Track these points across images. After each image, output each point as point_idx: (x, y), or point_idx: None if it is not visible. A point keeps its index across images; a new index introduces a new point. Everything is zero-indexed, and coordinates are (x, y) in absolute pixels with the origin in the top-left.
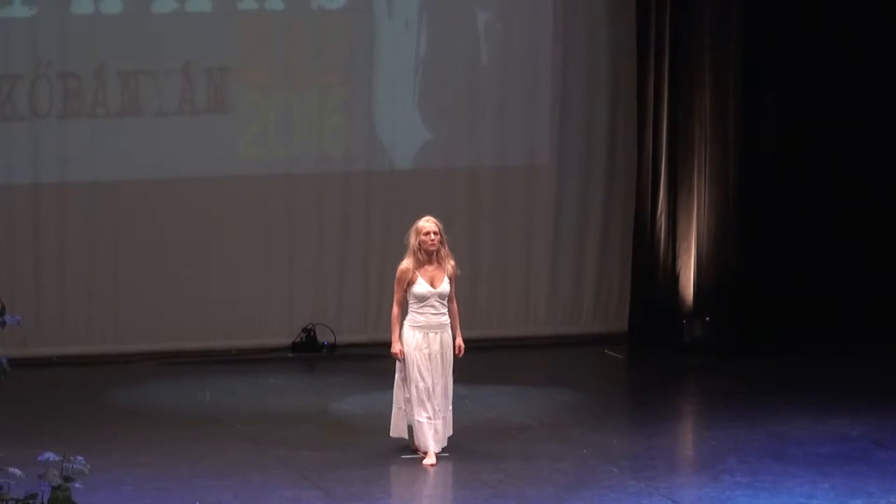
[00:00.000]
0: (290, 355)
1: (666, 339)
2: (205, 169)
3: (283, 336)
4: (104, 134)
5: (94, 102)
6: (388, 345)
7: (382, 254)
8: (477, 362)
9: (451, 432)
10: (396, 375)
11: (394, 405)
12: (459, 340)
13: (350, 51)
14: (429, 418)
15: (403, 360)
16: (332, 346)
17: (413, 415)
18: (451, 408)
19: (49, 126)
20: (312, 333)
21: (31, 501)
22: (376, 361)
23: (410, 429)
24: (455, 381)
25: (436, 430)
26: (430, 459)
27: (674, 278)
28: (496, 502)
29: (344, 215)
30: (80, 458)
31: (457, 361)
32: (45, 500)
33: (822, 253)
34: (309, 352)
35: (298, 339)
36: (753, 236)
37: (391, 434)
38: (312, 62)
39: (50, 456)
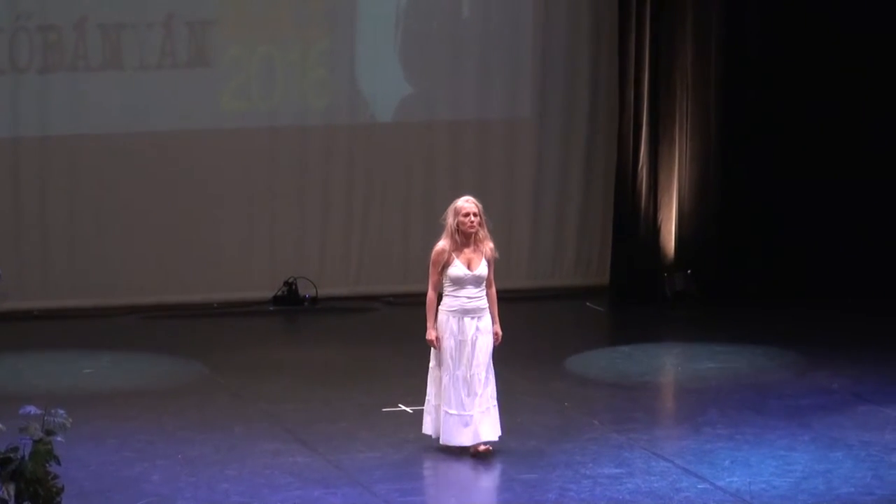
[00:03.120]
0: (272, 308)
1: (647, 292)
2: (187, 122)
3: (265, 289)
4: (85, 87)
5: (74, 56)
6: (370, 298)
7: (364, 207)
8: None
9: (500, 431)
10: (430, 364)
11: (426, 399)
12: (497, 327)
13: (332, 4)
14: (460, 413)
15: (439, 347)
16: (314, 300)
17: (442, 406)
18: (496, 403)
19: (29, 79)
20: (294, 286)
21: (12, 455)
22: (358, 314)
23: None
24: None
25: (467, 424)
26: (481, 447)
27: (655, 231)
28: (477, 454)
29: (325, 168)
30: (61, 411)
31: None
32: (27, 454)
33: (804, 205)
34: (290, 305)
35: (280, 293)
36: (734, 189)
37: (423, 430)
38: (294, 16)
39: (31, 409)
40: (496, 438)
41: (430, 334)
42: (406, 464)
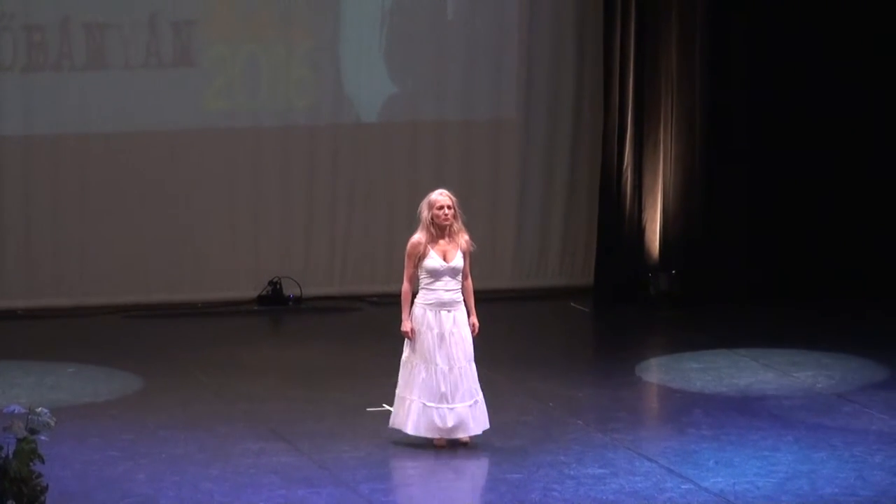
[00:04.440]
0: (256, 308)
1: (632, 293)
2: (171, 122)
3: (249, 289)
4: (69, 87)
5: (58, 55)
6: (355, 298)
7: (348, 207)
8: None
9: (486, 425)
10: (403, 357)
11: (397, 392)
12: (474, 319)
13: (316, 4)
14: (438, 406)
15: (413, 339)
16: (298, 299)
17: (416, 398)
18: (481, 395)
19: (13, 79)
20: (278, 286)
21: None
22: (342, 314)
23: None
24: None
25: (444, 417)
26: (440, 442)
27: (640, 231)
28: (462, 454)
29: (310, 168)
30: (45, 410)
31: None
32: (11, 452)
33: (788, 205)
34: (275, 305)
35: (264, 292)
36: (719, 189)
37: (390, 424)
38: (279, 15)
39: (16, 408)
40: (480, 432)
41: (406, 325)
42: (390, 463)
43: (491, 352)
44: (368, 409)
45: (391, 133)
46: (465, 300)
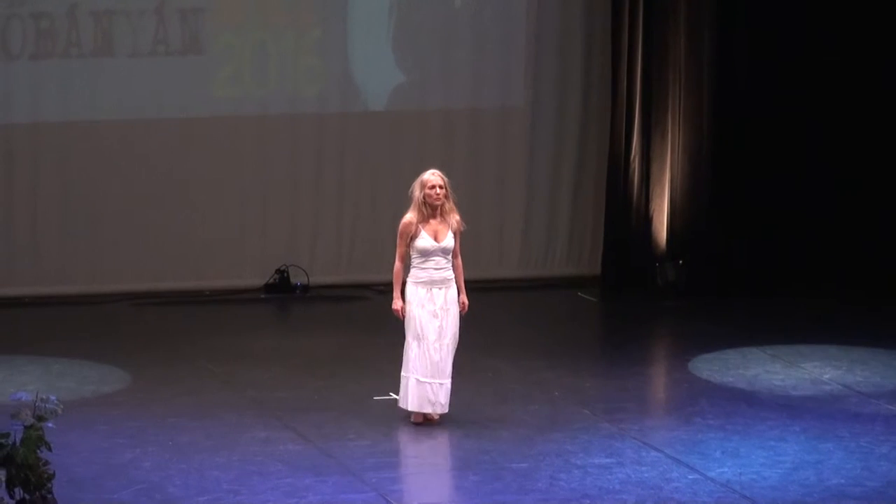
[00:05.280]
0: (264, 296)
1: (639, 282)
2: (179, 110)
3: (257, 277)
4: (77, 74)
5: (67, 43)
6: (362, 286)
7: (356, 195)
8: None
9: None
10: (407, 340)
11: (402, 372)
12: (463, 297)
13: None
14: (430, 382)
15: (404, 317)
16: (306, 288)
17: (410, 375)
18: (451, 377)
19: (21, 66)
20: (286, 274)
21: (3, 441)
22: (349, 303)
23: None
24: None
25: (435, 392)
26: (417, 418)
27: (647, 221)
28: (468, 443)
29: (318, 157)
30: (52, 397)
31: None
32: (18, 440)
33: (795, 197)
34: (282, 293)
35: (272, 280)
36: (727, 179)
37: (399, 405)
38: (287, 3)
39: (23, 395)
40: (447, 410)
41: (396, 304)
42: (397, 452)
43: (498, 341)
44: (375, 398)
45: (399, 121)
46: (455, 279)
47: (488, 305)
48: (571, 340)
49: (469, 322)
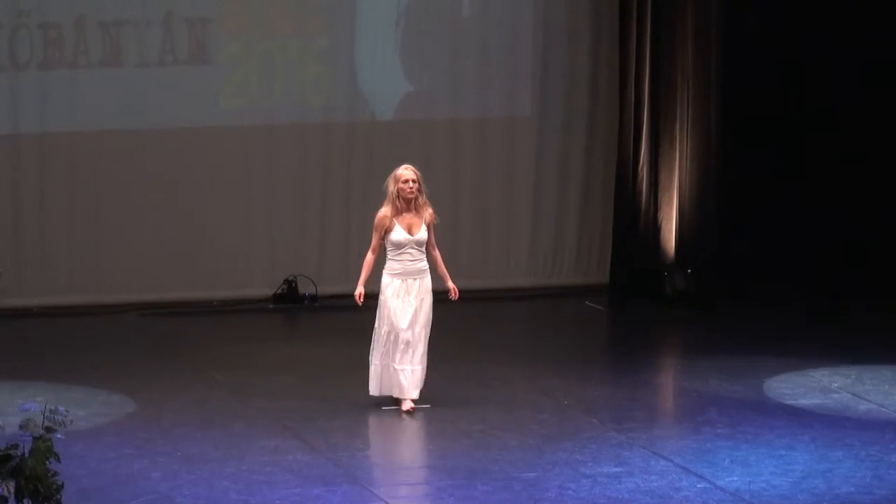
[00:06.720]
0: (272, 306)
1: (647, 291)
2: (186, 120)
3: (265, 287)
4: (85, 84)
5: (74, 53)
6: (369, 296)
7: (363, 205)
8: (457, 314)
9: (418, 393)
10: (375, 326)
11: (370, 360)
12: (451, 283)
13: (332, 1)
14: (402, 368)
15: (361, 304)
16: (314, 298)
17: (389, 362)
18: (425, 362)
19: (29, 76)
20: (294, 285)
21: (12, 452)
22: (357, 313)
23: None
24: (437, 332)
25: (411, 375)
26: (406, 405)
27: (655, 230)
28: (477, 452)
29: (325, 166)
30: (61, 408)
31: (438, 312)
32: (27, 451)
33: (804, 204)
34: (290, 303)
35: (280, 291)
36: (735, 188)
37: (370, 392)
38: (294, 13)
39: (32, 406)
40: (417, 396)
41: (358, 289)
42: (405, 462)
43: (506, 350)
44: (384, 408)
45: (406, 131)
46: (437, 269)
47: (496, 314)
48: (579, 349)
49: (476, 331)
